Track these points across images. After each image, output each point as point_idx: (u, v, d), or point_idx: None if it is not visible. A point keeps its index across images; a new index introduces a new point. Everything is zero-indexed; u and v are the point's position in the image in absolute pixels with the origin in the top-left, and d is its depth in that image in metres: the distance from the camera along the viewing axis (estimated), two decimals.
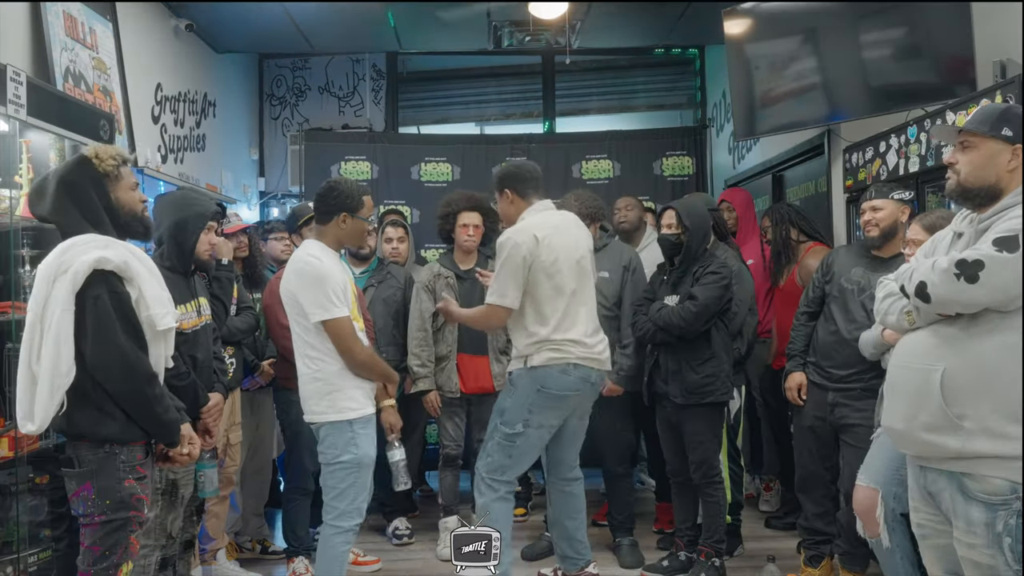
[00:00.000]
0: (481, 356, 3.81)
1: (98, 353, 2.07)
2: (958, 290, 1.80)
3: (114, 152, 2.23)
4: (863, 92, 3.53)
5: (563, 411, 3.00)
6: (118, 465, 2.12)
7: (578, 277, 2.98)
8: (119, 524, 2.11)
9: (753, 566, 3.41)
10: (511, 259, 2.89)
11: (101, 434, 2.11)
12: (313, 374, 2.70)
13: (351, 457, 2.66)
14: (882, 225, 2.96)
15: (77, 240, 2.12)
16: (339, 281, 2.68)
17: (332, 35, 5.20)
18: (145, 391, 2.13)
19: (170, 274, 2.66)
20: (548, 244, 2.90)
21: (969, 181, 1.93)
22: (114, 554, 2.10)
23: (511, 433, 2.94)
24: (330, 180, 2.88)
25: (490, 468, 2.99)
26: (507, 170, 3.14)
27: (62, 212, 2.15)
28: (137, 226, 2.28)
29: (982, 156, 1.91)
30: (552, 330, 2.91)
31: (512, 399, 2.97)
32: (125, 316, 2.11)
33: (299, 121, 6.13)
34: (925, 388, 1.87)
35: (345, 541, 2.68)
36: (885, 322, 2.11)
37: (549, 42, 5.14)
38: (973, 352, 1.83)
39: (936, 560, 2.01)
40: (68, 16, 3.33)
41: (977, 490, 1.82)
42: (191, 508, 2.82)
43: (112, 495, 2.10)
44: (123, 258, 2.11)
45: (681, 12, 4.77)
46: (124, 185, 2.24)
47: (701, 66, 6.22)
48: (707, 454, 3.29)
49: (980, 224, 1.91)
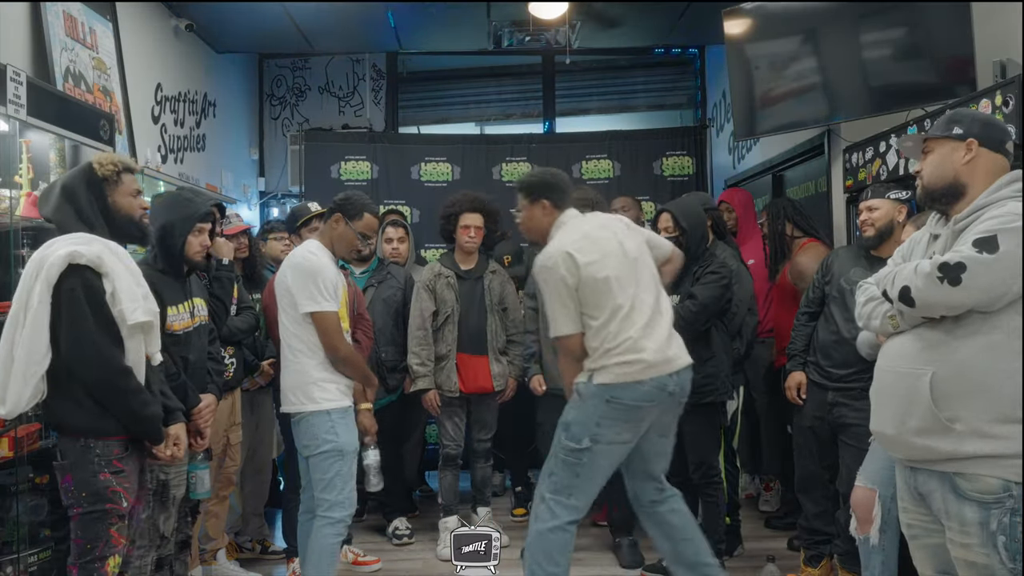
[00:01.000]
0: (480, 356, 3.81)
1: (72, 345, 2.12)
2: (942, 293, 1.81)
3: (116, 159, 2.31)
4: (863, 92, 3.53)
5: (638, 425, 2.66)
6: (92, 458, 2.15)
7: (633, 274, 2.69)
8: (97, 516, 2.14)
9: (753, 566, 3.41)
10: (550, 285, 2.65)
11: (73, 425, 2.17)
12: (293, 365, 2.78)
13: (331, 445, 2.70)
14: (878, 225, 2.96)
15: (60, 237, 2.20)
16: (332, 278, 2.76)
17: (332, 35, 5.21)
18: (118, 384, 2.16)
19: (163, 276, 2.67)
20: (584, 253, 2.64)
21: (930, 183, 1.99)
22: (96, 547, 2.13)
23: (577, 449, 2.62)
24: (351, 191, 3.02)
25: (555, 488, 2.66)
26: (544, 179, 2.86)
27: (61, 213, 2.24)
28: (133, 230, 2.34)
29: (937, 157, 1.99)
30: (614, 341, 2.61)
31: (577, 411, 2.66)
32: (98, 309, 2.14)
33: (299, 121, 6.13)
34: (914, 393, 1.88)
35: (336, 533, 2.70)
36: (868, 327, 2.12)
37: (550, 41, 5.14)
38: (959, 355, 1.84)
39: (926, 560, 2.02)
40: (68, 16, 3.33)
41: (970, 490, 1.82)
42: (185, 508, 2.82)
43: (88, 487, 2.14)
44: (98, 253, 2.15)
45: (681, 12, 4.78)
46: (123, 191, 2.30)
47: (701, 66, 6.22)
48: (706, 454, 3.29)
49: (956, 225, 1.93)
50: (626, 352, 2.60)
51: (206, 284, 3.13)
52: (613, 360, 2.60)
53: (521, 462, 4.45)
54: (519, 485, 4.40)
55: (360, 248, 2.97)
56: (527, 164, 5.43)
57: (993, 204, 1.87)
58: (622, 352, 2.60)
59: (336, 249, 2.90)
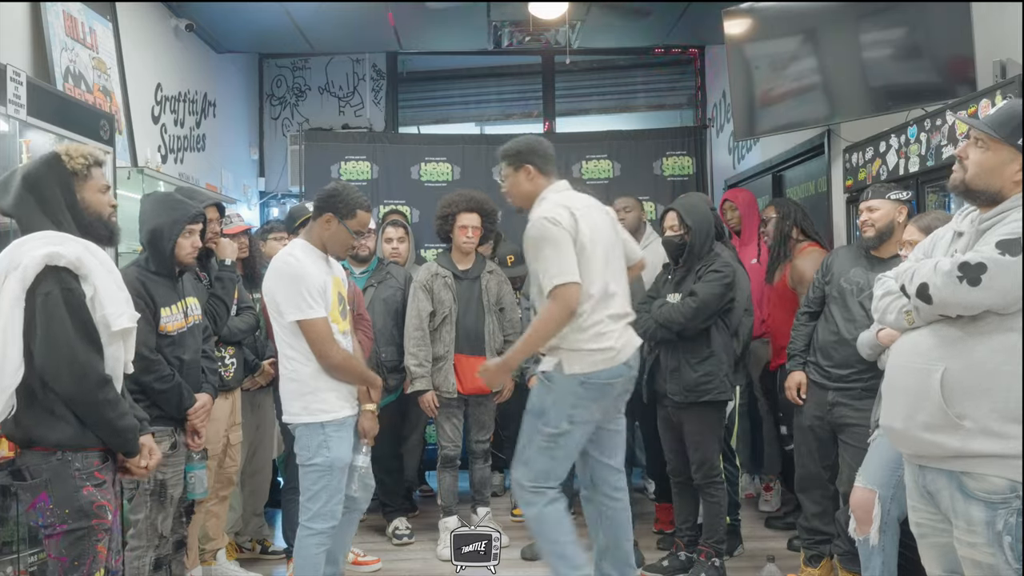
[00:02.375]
0: (478, 356, 3.80)
1: (47, 353, 1.96)
2: (960, 292, 1.80)
3: (86, 152, 2.14)
4: (863, 92, 3.53)
5: (606, 402, 2.71)
6: (72, 473, 2.00)
7: (616, 260, 2.74)
8: (83, 533, 2.01)
9: (753, 566, 3.41)
10: (549, 237, 2.59)
11: (52, 439, 1.99)
12: (289, 374, 2.70)
13: (322, 460, 2.65)
14: (878, 225, 2.96)
15: (32, 236, 2.03)
16: (316, 282, 2.63)
17: (332, 35, 5.21)
18: (96, 395, 2.00)
19: (155, 277, 2.66)
20: (584, 218, 2.65)
21: (975, 182, 1.91)
22: (83, 564, 2.01)
23: (556, 433, 2.65)
24: (338, 182, 2.84)
25: (534, 477, 2.69)
26: (527, 144, 2.84)
27: (22, 207, 2.06)
28: (101, 229, 2.16)
29: (992, 161, 1.88)
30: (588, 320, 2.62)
31: (551, 396, 2.66)
32: (77, 314, 1.99)
33: (299, 121, 6.13)
34: (924, 388, 1.87)
35: (318, 543, 2.66)
36: (884, 320, 2.11)
37: (550, 41, 5.14)
38: (973, 353, 1.83)
39: (935, 559, 2.01)
40: (68, 16, 3.33)
41: (977, 489, 1.82)
42: (180, 508, 2.82)
43: (70, 504, 1.99)
44: (77, 254, 2.00)
45: (681, 12, 4.78)
46: (92, 186, 2.13)
47: (701, 66, 6.22)
48: (708, 454, 3.29)
49: (981, 224, 1.91)
50: (597, 338, 2.63)
51: (206, 284, 3.13)
52: (586, 346, 2.63)
53: None
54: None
55: (355, 246, 2.84)
56: None
57: (1020, 208, 1.84)
58: (594, 337, 2.63)
59: (330, 249, 2.77)
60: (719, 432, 3.36)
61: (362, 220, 2.76)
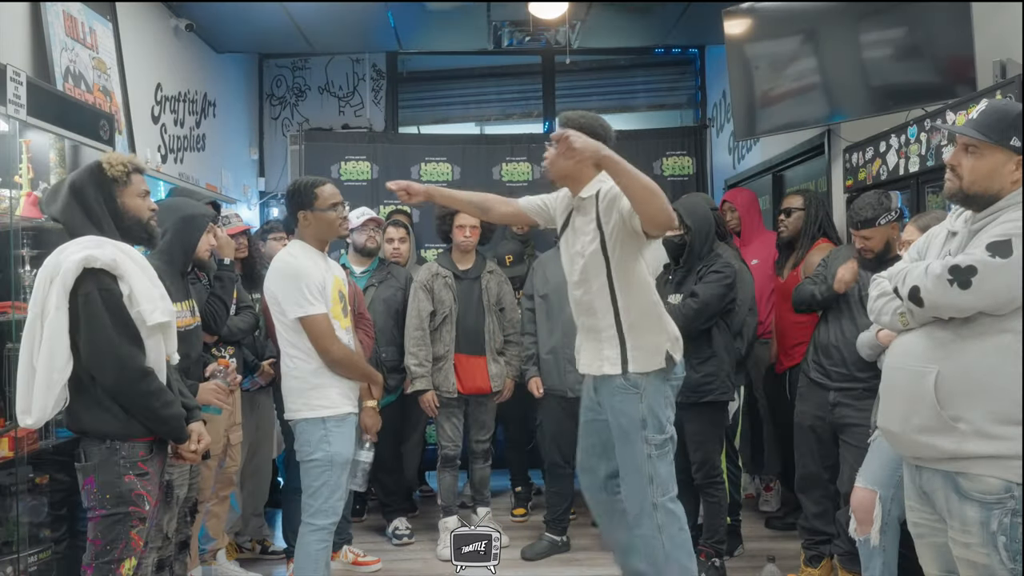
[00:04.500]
0: (478, 356, 3.81)
1: (90, 350, 2.11)
2: (951, 295, 1.81)
3: (126, 159, 2.30)
4: (863, 92, 3.53)
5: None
6: (118, 461, 2.15)
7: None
8: (118, 518, 2.14)
9: (753, 566, 3.41)
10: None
11: (101, 430, 2.16)
12: (291, 372, 2.74)
13: (323, 455, 2.67)
14: (876, 249, 2.97)
15: (72, 242, 2.17)
16: (316, 279, 2.68)
17: (332, 35, 5.20)
18: (139, 386, 2.15)
19: (168, 268, 2.68)
20: None
21: (973, 189, 1.90)
22: (115, 548, 2.13)
23: (666, 438, 2.58)
24: (292, 181, 2.85)
25: (663, 489, 2.57)
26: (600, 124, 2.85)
27: (69, 213, 2.23)
28: (140, 232, 2.32)
29: (988, 165, 1.87)
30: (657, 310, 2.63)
31: (646, 402, 2.55)
32: (116, 312, 2.13)
33: (299, 121, 6.13)
34: (919, 390, 1.88)
35: (320, 540, 2.68)
36: (879, 321, 2.12)
37: (550, 41, 5.13)
38: (966, 355, 1.83)
39: (932, 559, 2.02)
40: (68, 16, 3.33)
41: (972, 489, 1.83)
42: (184, 509, 2.83)
43: (112, 490, 2.14)
44: (112, 256, 2.14)
45: (681, 12, 4.77)
46: (132, 191, 2.29)
47: (701, 66, 6.22)
48: (708, 454, 3.29)
49: (974, 224, 1.91)
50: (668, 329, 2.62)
51: (206, 284, 3.13)
52: (665, 338, 2.59)
53: (521, 462, 4.44)
54: (519, 485, 4.40)
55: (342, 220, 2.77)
56: (527, 164, 5.44)
57: (1012, 207, 1.85)
58: (665, 329, 2.61)
59: (325, 239, 2.80)
60: (720, 432, 3.36)
61: (327, 195, 2.76)
